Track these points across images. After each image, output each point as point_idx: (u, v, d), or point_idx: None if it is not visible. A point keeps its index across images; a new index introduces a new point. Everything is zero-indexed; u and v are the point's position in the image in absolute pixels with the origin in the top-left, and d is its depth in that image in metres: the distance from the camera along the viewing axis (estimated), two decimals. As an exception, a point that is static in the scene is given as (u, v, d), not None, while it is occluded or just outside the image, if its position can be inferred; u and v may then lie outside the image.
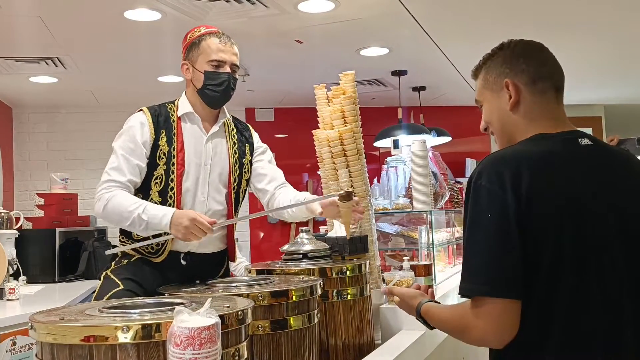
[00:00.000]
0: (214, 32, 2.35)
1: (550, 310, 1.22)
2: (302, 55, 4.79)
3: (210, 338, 1.15)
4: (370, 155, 6.01)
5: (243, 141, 2.49)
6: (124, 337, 1.19)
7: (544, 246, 1.22)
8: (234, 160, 2.42)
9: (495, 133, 1.47)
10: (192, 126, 2.35)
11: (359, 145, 2.61)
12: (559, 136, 1.35)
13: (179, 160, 2.28)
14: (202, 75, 2.30)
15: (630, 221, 1.29)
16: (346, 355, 2.03)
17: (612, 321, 1.23)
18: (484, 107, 1.48)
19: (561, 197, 1.24)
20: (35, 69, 4.88)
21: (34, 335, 1.28)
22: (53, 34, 4.02)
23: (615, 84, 6.60)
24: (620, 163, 1.37)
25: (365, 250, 2.36)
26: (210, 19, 3.80)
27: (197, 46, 2.33)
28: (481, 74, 1.48)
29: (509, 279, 1.20)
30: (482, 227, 1.24)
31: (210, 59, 2.29)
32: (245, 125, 2.59)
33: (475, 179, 1.29)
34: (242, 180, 2.47)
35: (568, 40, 4.75)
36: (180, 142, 2.30)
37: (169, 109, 2.36)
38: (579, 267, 1.23)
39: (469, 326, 1.27)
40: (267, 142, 2.72)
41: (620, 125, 8.91)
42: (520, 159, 1.28)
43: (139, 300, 1.59)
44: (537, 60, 1.43)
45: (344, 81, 2.66)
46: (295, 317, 1.69)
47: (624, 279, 1.25)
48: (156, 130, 2.28)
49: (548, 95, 1.41)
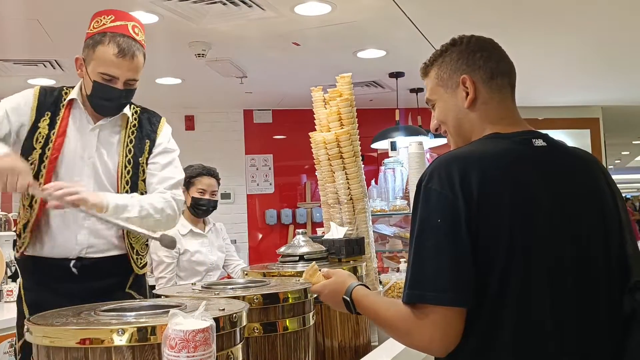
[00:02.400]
0: (116, 36, 2.02)
1: (501, 317, 1.17)
2: (299, 57, 4.80)
3: (205, 341, 1.16)
4: (368, 157, 6.02)
5: (142, 137, 2.18)
6: (119, 340, 1.20)
7: (495, 251, 1.17)
8: (125, 159, 2.13)
9: (450, 133, 1.41)
10: (80, 112, 2.12)
11: (355, 148, 2.61)
12: (514, 136, 1.31)
13: (55, 145, 2.05)
14: (91, 83, 2.05)
15: (582, 224, 1.25)
16: (342, 358, 2.04)
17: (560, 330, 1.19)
18: (437, 106, 1.41)
19: (512, 201, 1.19)
20: (33, 72, 4.89)
21: (30, 338, 1.28)
22: (50, 36, 4.03)
23: (612, 86, 6.61)
24: (573, 164, 1.33)
25: (362, 252, 2.37)
26: (207, 22, 3.81)
27: (92, 47, 2.04)
28: (432, 71, 1.41)
29: (458, 287, 1.15)
30: (431, 232, 1.19)
31: (101, 72, 2.02)
32: (156, 118, 2.25)
33: (425, 181, 1.23)
34: (139, 181, 2.16)
35: (566, 43, 4.77)
36: (62, 127, 2.08)
37: (64, 92, 2.16)
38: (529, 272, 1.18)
39: (412, 332, 1.21)
40: (265, 144, 2.62)
41: (618, 126, 8.94)
42: (472, 160, 1.23)
43: (134, 302, 1.59)
44: (495, 55, 1.37)
45: (340, 83, 2.67)
46: (291, 320, 1.70)
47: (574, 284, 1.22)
48: (38, 111, 2.07)
49: (505, 92, 1.37)
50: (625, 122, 8.94)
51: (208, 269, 3.78)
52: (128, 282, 2.18)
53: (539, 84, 6.33)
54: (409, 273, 1.21)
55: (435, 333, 1.17)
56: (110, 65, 2.00)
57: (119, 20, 2.07)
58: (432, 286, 1.16)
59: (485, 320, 1.18)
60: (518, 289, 1.18)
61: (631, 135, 11.33)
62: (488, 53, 1.37)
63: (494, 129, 1.33)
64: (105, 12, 2.10)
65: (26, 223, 2.09)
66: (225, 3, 3.58)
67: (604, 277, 1.26)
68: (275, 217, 7.03)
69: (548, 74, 5.87)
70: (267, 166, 7.10)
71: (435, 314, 1.17)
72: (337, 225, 2.55)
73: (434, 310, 1.17)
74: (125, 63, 2.02)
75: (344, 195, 2.61)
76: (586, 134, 7.72)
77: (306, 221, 7.03)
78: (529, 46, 4.81)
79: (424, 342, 1.20)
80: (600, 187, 1.32)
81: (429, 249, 1.18)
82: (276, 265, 2.21)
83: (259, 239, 7.04)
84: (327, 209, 2.72)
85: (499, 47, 1.40)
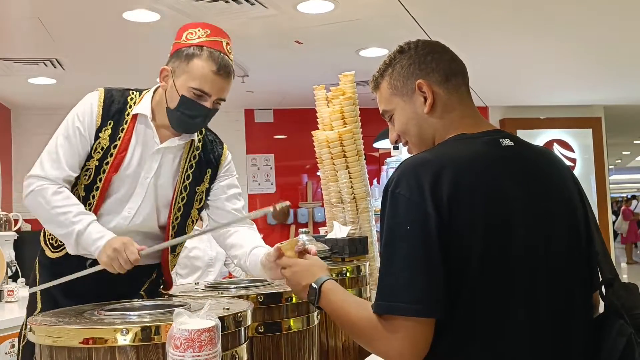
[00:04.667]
0: (214, 51, 1.89)
1: (473, 326, 1.14)
2: (301, 56, 4.78)
3: (210, 340, 1.15)
4: (370, 156, 6.00)
5: (204, 165, 2.05)
6: (123, 340, 1.19)
7: (467, 259, 1.13)
8: (182, 185, 2.00)
9: (412, 142, 1.35)
10: (146, 128, 1.96)
11: (358, 146, 2.60)
12: (481, 137, 1.27)
13: (115, 162, 1.92)
14: (178, 97, 1.88)
15: (554, 225, 1.22)
16: (346, 357, 2.03)
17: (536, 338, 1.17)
18: (396, 116, 1.35)
19: (484, 204, 1.15)
20: (34, 71, 4.87)
21: (33, 337, 1.27)
22: (52, 35, 4.01)
23: (614, 85, 6.60)
24: (541, 164, 1.30)
25: (365, 252, 2.36)
26: (209, 20, 3.79)
27: (186, 60, 1.88)
28: (384, 82, 1.36)
29: (428, 297, 1.10)
30: (400, 241, 1.14)
31: (194, 86, 1.86)
32: (219, 144, 2.12)
33: (392, 186, 1.18)
34: (192, 210, 2.05)
35: (568, 42, 4.75)
36: (124, 143, 1.93)
37: (130, 99, 1.99)
38: (503, 279, 1.15)
39: (379, 343, 1.17)
40: (266, 144, 2.56)
41: (620, 126, 8.93)
42: (440, 163, 1.18)
43: (137, 302, 1.58)
44: (446, 57, 1.34)
45: (343, 82, 2.65)
46: (295, 319, 1.69)
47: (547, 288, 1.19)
48: (103, 118, 1.93)
49: (462, 92, 1.33)
50: (627, 121, 8.93)
51: (208, 264, 3.78)
52: (145, 286, 2.09)
53: (542, 83, 6.32)
54: (378, 283, 1.17)
55: (404, 345, 1.14)
56: (205, 81, 1.85)
57: (216, 36, 1.94)
58: (401, 297, 1.12)
59: (457, 330, 1.15)
60: (491, 297, 1.14)
61: (632, 134, 11.33)
62: (439, 55, 1.33)
63: (458, 130, 1.29)
64: (200, 24, 1.97)
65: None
66: (227, 1, 3.57)
67: (577, 277, 1.24)
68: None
69: (551, 73, 5.86)
70: (269, 166, 7.09)
71: (404, 325, 1.13)
72: (340, 224, 2.54)
73: (403, 323, 1.13)
74: (220, 81, 1.88)
75: (347, 194, 2.60)
76: (588, 134, 7.70)
77: (308, 221, 7.01)
78: (531, 45, 4.80)
79: (391, 354, 1.17)
80: (568, 186, 1.30)
81: (398, 258, 1.14)
82: (279, 264, 2.20)
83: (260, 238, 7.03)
84: (330, 208, 2.71)
85: (448, 49, 1.37)
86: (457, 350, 1.15)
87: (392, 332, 1.14)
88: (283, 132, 7.07)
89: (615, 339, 1.18)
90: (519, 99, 6.98)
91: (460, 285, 1.13)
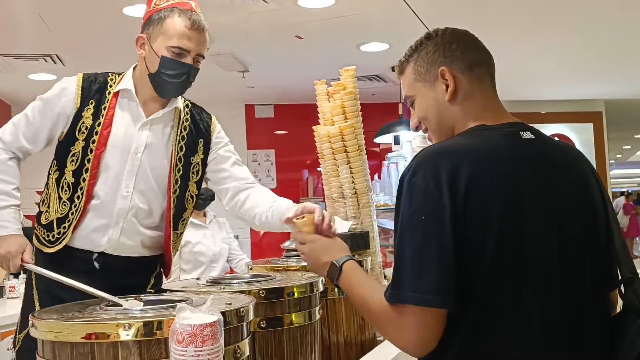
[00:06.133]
0: (184, 10, 1.93)
1: (486, 319, 1.14)
2: (302, 51, 4.78)
3: (213, 335, 1.14)
4: (371, 152, 5.96)
5: (196, 135, 2.07)
6: (125, 335, 1.19)
7: (482, 250, 1.12)
8: (176, 157, 2.01)
9: (431, 129, 1.35)
10: (129, 103, 1.98)
11: (359, 141, 2.60)
12: (501, 128, 1.25)
13: (100, 138, 1.92)
14: (158, 59, 1.90)
15: (573, 220, 1.21)
16: (348, 352, 2.03)
17: (551, 332, 1.16)
18: (417, 102, 1.35)
19: (500, 198, 1.14)
20: (34, 67, 4.87)
21: (35, 333, 1.27)
22: (52, 31, 4.01)
23: (615, 79, 6.59)
24: (561, 157, 1.28)
25: (367, 247, 2.35)
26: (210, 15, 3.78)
27: (160, 22, 1.92)
28: (409, 68, 1.35)
29: (440, 288, 1.10)
30: (414, 230, 1.13)
31: (172, 45, 1.89)
32: (207, 115, 2.16)
33: (409, 176, 1.17)
34: (189, 183, 2.05)
35: (569, 36, 4.74)
36: (108, 118, 1.94)
37: (110, 79, 2.01)
38: (519, 272, 1.14)
39: (389, 329, 1.18)
40: (266, 139, 2.55)
41: (620, 120, 8.92)
42: (459, 155, 1.17)
43: (140, 297, 1.58)
44: (472, 46, 1.33)
45: (344, 77, 2.65)
46: (297, 314, 1.68)
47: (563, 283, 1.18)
48: (83, 99, 1.94)
49: (485, 82, 1.31)
50: (628, 116, 8.92)
51: (211, 259, 3.79)
52: (151, 282, 2.11)
53: (543, 77, 6.31)
54: (393, 272, 1.17)
55: (412, 335, 1.14)
56: (182, 37, 1.90)
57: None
58: (412, 286, 1.11)
59: (469, 324, 1.14)
60: (506, 290, 1.14)
61: (633, 129, 11.32)
62: (465, 43, 1.32)
63: (478, 121, 1.27)
64: None
65: (63, 217, 1.96)
66: (227, -4, 3.56)
67: (592, 273, 1.22)
68: (277, 212, 7.00)
69: (552, 68, 5.85)
70: (269, 161, 7.09)
71: (414, 315, 1.12)
72: (341, 219, 2.54)
73: (413, 312, 1.12)
74: (196, 35, 1.92)
75: (349, 189, 2.60)
76: (589, 128, 7.70)
77: (308, 216, 7.01)
78: (532, 40, 4.79)
79: (400, 342, 1.17)
80: (589, 181, 1.29)
81: (412, 247, 1.13)
82: (281, 259, 2.20)
83: (261, 234, 7.02)
84: (332, 204, 2.71)
85: (475, 38, 1.35)
86: (469, 344, 1.14)
87: (402, 320, 1.14)
88: (284, 127, 7.06)
89: (634, 339, 1.17)
90: (520, 94, 6.97)
91: (473, 279, 1.13)
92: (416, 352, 1.17)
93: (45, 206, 2.02)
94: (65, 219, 1.95)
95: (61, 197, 1.96)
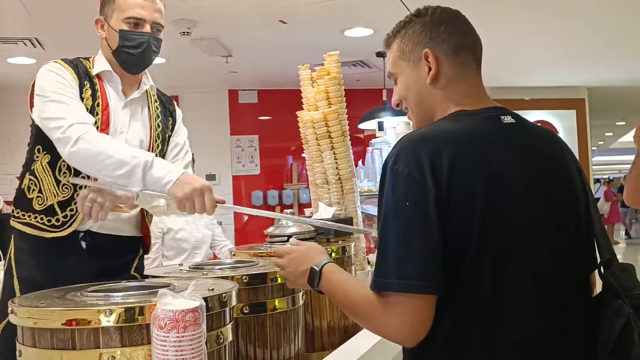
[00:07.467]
0: None
1: (474, 302, 1.13)
2: (286, 35, 4.74)
3: (195, 321, 1.14)
4: (355, 138, 5.98)
5: (167, 114, 2.18)
6: (106, 321, 1.17)
7: (467, 235, 1.12)
8: (155, 133, 2.11)
9: (411, 109, 1.34)
10: (111, 85, 2.04)
11: (343, 127, 2.59)
12: (482, 113, 1.25)
13: (103, 119, 1.97)
14: (116, 34, 1.97)
15: (555, 204, 1.22)
16: (331, 337, 2.03)
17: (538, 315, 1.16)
18: (399, 81, 1.34)
19: (485, 183, 1.14)
20: (13, 50, 4.79)
21: (15, 319, 1.25)
22: (32, 14, 3.94)
23: (598, 66, 6.63)
24: (542, 142, 1.28)
25: (351, 232, 2.36)
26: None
27: (112, 0, 1.99)
28: (394, 44, 1.34)
29: (427, 274, 1.09)
30: (399, 217, 1.12)
31: (126, 16, 1.96)
32: (168, 98, 2.25)
33: (391, 163, 1.16)
34: (166, 157, 2.15)
35: (552, 23, 4.75)
36: (105, 100, 2.00)
37: (85, 63, 2.05)
38: (504, 255, 1.14)
39: (378, 320, 1.15)
40: (250, 125, 2.59)
41: (603, 107, 8.99)
42: (440, 139, 1.16)
43: (120, 283, 1.57)
44: (461, 28, 1.30)
45: (328, 62, 2.63)
46: (280, 300, 1.68)
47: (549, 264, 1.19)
48: (80, 80, 1.98)
49: (470, 67, 1.30)
50: (610, 103, 8.99)
51: (194, 246, 3.78)
52: (134, 264, 2.14)
53: (526, 64, 6.33)
54: (377, 260, 1.16)
55: (403, 323, 1.12)
56: (135, 7, 1.96)
57: None
58: (398, 274, 1.10)
59: (458, 308, 1.13)
60: (491, 273, 1.13)
61: (615, 116, 11.42)
62: (453, 26, 1.30)
63: (459, 106, 1.26)
64: None
65: (68, 200, 1.95)
66: (210, -20, 3.52)
67: (577, 256, 1.23)
68: (261, 198, 7.00)
69: (536, 55, 5.87)
70: (253, 147, 7.06)
71: (402, 303, 1.11)
72: (325, 205, 2.54)
73: (401, 299, 1.11)
74: (149, 4, 1.98)
75: (333, 175, 2.59)
76: (572, 115, 7.75)
77: (293, 202, 7.01)
78: (515, 26, 4.79)
79: (389, 333, 1.16)
80: (569, 165, 1.29)
81: (397, 234, 1.12)
82: (264, 245, 2.19)
83: (244, 220, 7.01)
84: (315, 189, 2.71)
85: (466, 20, 1.33)
86: (458, 328, 1.14)
87: (389, 309, 1.13)
88: (268, 113, 7.03)
89: (612, 319, 1.17)
90: (503, 80, 6.99)
91: (461, 262, 1.12)
92: (407, 342, 1.16)
93: (34, 192, 1.98)
94: (72, 201, 1.94)
95: (59, 180, 1.96)
